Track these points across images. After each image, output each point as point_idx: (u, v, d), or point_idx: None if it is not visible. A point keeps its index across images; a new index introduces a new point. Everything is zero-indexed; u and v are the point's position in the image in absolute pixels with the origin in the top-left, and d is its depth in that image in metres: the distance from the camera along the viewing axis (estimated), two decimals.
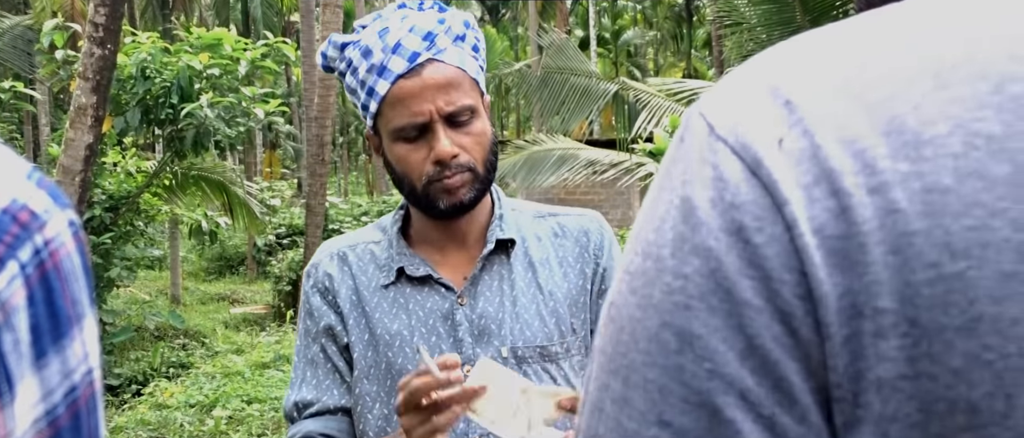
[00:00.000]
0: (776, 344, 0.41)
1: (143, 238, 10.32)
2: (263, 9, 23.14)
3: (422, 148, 1.36)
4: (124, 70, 8.47)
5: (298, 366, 1.47)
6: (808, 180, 0.41)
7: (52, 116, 18.05)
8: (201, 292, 15.43)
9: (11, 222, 0.56)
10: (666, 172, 0.46)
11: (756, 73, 0.46)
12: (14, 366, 0.56)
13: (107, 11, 5.54)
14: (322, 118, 10.26)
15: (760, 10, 9.37)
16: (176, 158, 9.39)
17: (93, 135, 5.68)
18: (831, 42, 0.45)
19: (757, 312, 0.41)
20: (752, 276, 0.41)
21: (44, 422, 0.58)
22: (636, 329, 0.44)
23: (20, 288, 0.56)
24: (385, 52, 1.35)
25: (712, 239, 0.42)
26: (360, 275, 1.44)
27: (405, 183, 1.39)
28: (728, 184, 0.43)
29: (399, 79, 1.34)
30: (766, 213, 0.41)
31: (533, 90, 10.56)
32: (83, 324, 0.61)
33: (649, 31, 34.56)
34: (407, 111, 1.34)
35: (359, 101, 1.41)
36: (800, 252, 0.41)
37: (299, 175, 26.29)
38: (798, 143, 0.42)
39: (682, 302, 0.42)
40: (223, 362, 8.77)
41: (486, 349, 1.38)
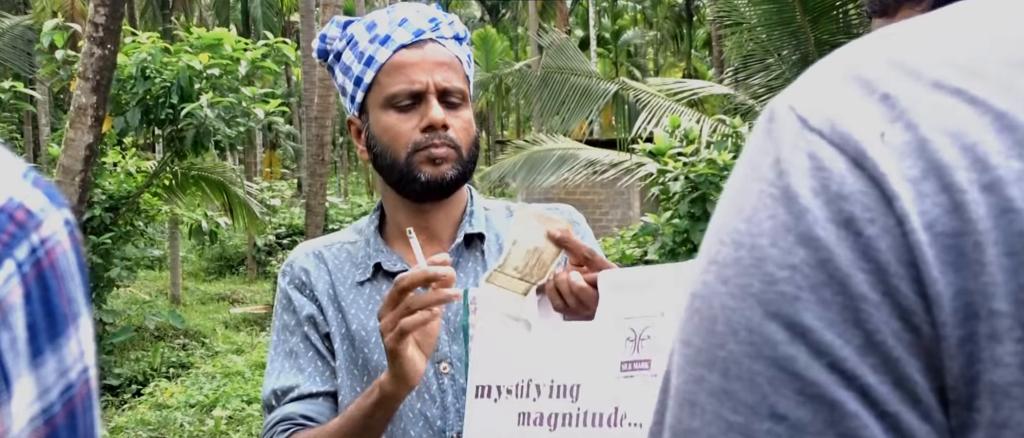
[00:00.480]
0: (897, 340, 0.39)
1: (143, 238, 10.32)
2: (263, 9, 23.14)
3: (412, 117, 1.38)
4: (124, 70, 8.47)
5: (275, 359, 1.44)
6: (916, 174, 0.39)
7: (52, 116, 18.05)
8: (201, 292, 15.43)
9: (7, 221, 0.57)
10: (751, 163, 0.44)
11: (844, 67, 0.44)
12: (11, 364, 0.56)
13: (107, 11, 5.54)
14: (322, 118, 10.26)
15: (760, 10, 9.36)
16: (176, 158, 9.39)
17: (93, 135, 5.68)
18: (923, 35, 0.44)
19: (875, 307, 0.39)
20: (867, 269, 0.39)
21: (40, 420, 0.58)
22: (733, 319, 0.42)
23: (17, 286, 0.56)
24: (391, 25, 1.40)
25: (820, 229, 0.40)
26: (336, 272, 1.44)
27: (388, 154, 1.40)
28: (832, 174, 0.41)
29: (401, 48, 1.39)
30: (876, 204, 0.40)
31: (533, 90, 10.56)
32: (79, 323, 0.61)
33: (649, 31, 34.56)
34: (405, 78, 1.38)
35: (352, 77, 1.42)
36: (912, 248, 0.39)
37: (299, 175, 26.29)
38: (902, 136, 0.40)
39: (791, 293, 0.40)
40: (223, 362, 8.77)
41: (462, 345, 1.38)
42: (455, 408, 1.37)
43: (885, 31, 0.45)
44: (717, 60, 16.14)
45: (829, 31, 9.06)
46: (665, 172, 9.52)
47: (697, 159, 9.33)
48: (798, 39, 9.16)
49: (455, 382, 1.38)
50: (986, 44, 0.42)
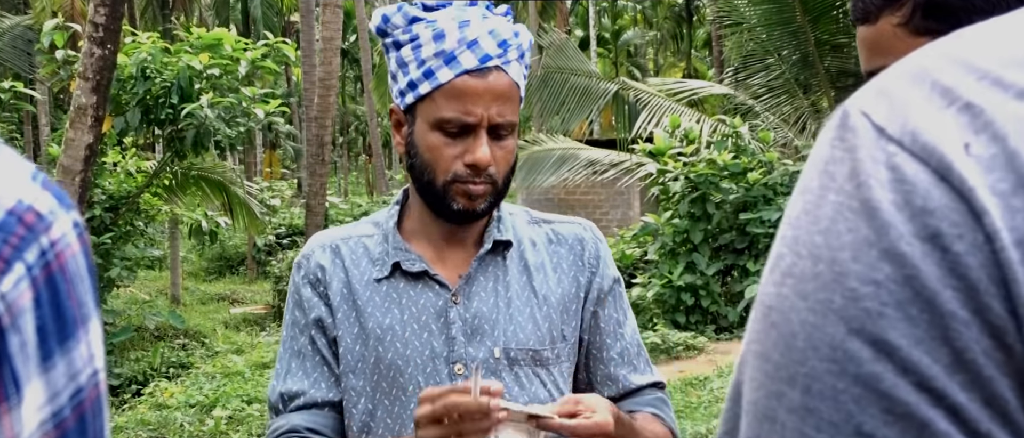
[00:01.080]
0: (988, 359, 0.38)
1: (143, 238, 10.33)
2: (263, 9, 23.14)
3: (458, 146, 1.35)
4: (124, 70, 8.47)
5: (284, 357, 1.44)
6: (1005, 188, 0.38)
7: (52, 116, 18.05)
8: (201, 292, 15.43)
9: (17, 223, 0.56)
10: (825, 173, 0.43)
11: (920, 72, 0.42)
12: (21, 368, 0.56)
13: (107, 11, 5.54)
14: (322, 118, 10.26)
15: (760, 10, 9.36)
16: (176, 158, 9.39)
17: (93, 135, 5.68)
18: (1001, 39, 0.42)
19: (964, 324, 0.38)
20: (955, 286, 0.38)
21: (50, 424, 0.58)
22: (814, 335, 0.41)
23: (26, 290, 0.56)
24: (461, 43, 1.35)
25: (905, 244, 0.39)
26: (353, 268, 1.43)
27: (426, 172, 1.38)
28: (916, 187, 0.39)
29: (465, 74, 1.34)
30: (964, 219, 0.38)
31: (533, 90, 10.55)
32: (89, 326, 0.60)
33: (649, 31, 34.56)
34: (461, 107, 1.34)
35: (407, 75, 1.38)
36: (1003, 266, 0.38)
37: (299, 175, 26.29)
38: (988, 149, 0.39)
39: (875, 309, 0.39)
40: (223, 362, 8.77)
41: (478, 348, 1.38)
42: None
43: (961, 34, 0.44)
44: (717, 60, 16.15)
45: (829, 31, 9.06)
46: (665, 172, 9.52)
47: (697, 159, 9.33)
48: (798, 39, 9.16)
49: None
50: None
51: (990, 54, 0.41)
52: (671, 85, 10.65)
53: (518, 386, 1.39)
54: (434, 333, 1.38)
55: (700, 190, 9.16)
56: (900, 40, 0.89)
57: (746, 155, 9.28)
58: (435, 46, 1.35)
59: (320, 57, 10.45)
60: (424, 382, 1.36)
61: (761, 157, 9.29)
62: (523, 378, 1.39)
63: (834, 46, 9.11)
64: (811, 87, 9.58)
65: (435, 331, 1.39)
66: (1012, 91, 0.39)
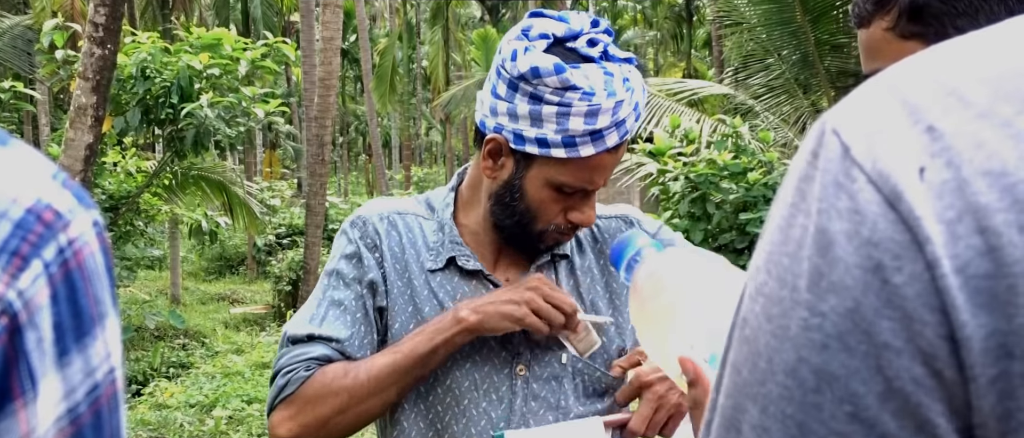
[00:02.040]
0: (917, 386, 0.40)
1: (143, 238, 10.33)
2: (263, 9, 23.14)
3: (563, 201, 1.35)
4: (124, 70, 8.47)
5: (320, 302, 1.37)
6: (951, 215, 0.40)
7: (52, 116, 18.05)
8: (201, 292, 15.43)
9: (36, 221, 0.57)
10: (797, 190, 0.45)
11: (894, 90, 0.44)
12: (37, 364, 0.56)
13: (107, 11, 5.54)
14: (322, 118, 10.26)
15: (760, 10, 9.36)
16: (176, 158, 9.39)
17: (93, 135, 5.68)
18: (972, 58, 0.44)
19: (896, 354, 0.40)
20: (891, 316, 0.40)
21: (66, 421, 0.58)
22: (773, 359, 0.44)
23: (44, 287, 0.57)
24: (611, 126, 1.29)
25: (849, 278, 0.41)
26: (408, 247, 1.40)
27: (525, 217, 1.35)
28: (865, 218, 0.41)
29: (603, 152, 1.31)
30: (905, 251, 0.40)
31: None
32: (106, 323, 0.61)
33: (649, 31, 34.55)
34: (587, 177, 1.32)
35: (539, 129, 1.29)
36: (941, 292, 0.39)
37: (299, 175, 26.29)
38: (941, 175, 0.40)
39: (820, 340, 0.42)
40: (223, 362, 8.77)
41: (543, 352, 1.37)
42: (521, 412, 1.35)
43: (942, 49, 0.45)
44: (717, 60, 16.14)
45: (829, 31, 9.05)
46: (665, 172, 9.51)
47: (697, 159, 9.33)
48: (798, 39, 9.16)
49: (528, 386, 1.36)
50: None
51: (963, 71, 0.43)
52: (671, 85, 10.65)
53: (575, 395, 1.39)
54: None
55: (700, 190, 9.16)
56: (889, 44, 0.92)
57: (746, 155, 9.28)
58: (585, 124, 1.27)
59: (320, 57, 10.45)
60: (479, 379, 1.35)
61: (761, 157, 9.29)
62: (580, 388, 1.39)
63: (834, 46, 9.12)
64: (811, 87, 9.58)
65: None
66: (975, 112, 0.41)
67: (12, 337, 0.55)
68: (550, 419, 1.36)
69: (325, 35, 10.10)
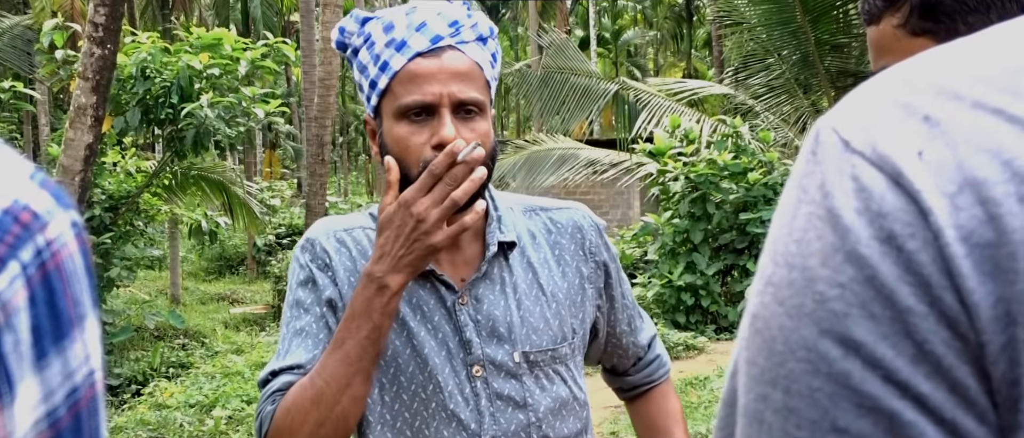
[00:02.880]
0: (947, 348, 0.41)
1: (143, 238, 10.32)
2: (263, 9, 23.14)
3: (424, 131, 1.32)
4: (124, 70, 8.47)
5: (285, 337, 1.39)
6: (952, 189, 0.41)
7: (52, 116, 18.05)
8: (201, 292, 15.43)
9: (12, 222, 0.56)
10: (800, 186, 0.46)
11: (886, 90, 0.46)
12: (15, 367, 0.56)
13: (107, 11, 5.54)
14: (322, 118, 10.26)
15: (760, 10, 9.36)
16: (176, 158, 9.39)
17: (93, 135, 5.68)
18: (965, 56, 0.45)
19: (922, 318, 0.41)
20: (911, 282, 0.41)
21: (45, 424, 0.58)
22: (791, 339, 0.44)
23: (21, 289, 0.56)
24: (408, 29, 1.33)
25: (864, 247, 0.42)
26: (359, 259, 1.40)
27: (400, 167, 1.34)
28: (872, 193, 0.42)
29: (417, 56, 1.32)
30: (914, 219, 0.41)
31: (533, 90, 10.55)
32: (85, 325, 0.60)
33: (649, 31, 34.56)
34: (418, 89, 1.31)
35: (368, 78, 1.36)
36: (949, 260, 0.40)
37: (299, 175, 26.29)
38: (941, 154, 0.42)
39: (841, 310, 0.42)
40: (223, 362, 8.77)
41: (496, 351, 1.37)
42: (490, 412, 1.35)
43: (929, 53, 0.47)
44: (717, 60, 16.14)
45: (829, 31, 9.05)
46: (665, 172, 9.51)
47: (697, 159, 9.32)
48: (798, 39, 9.15)
49: (488, 386, 1.36)
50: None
51: (953, 71, 0.44)
52: (671, 85, 10.65)
53: (539, 388, 1.39)
54: (448, 334, 1.37)
55: (700, 190, 9.16)
56: (899, 41, 0.92)
57: (746, 155, 9.28)
58: (385, 37, 1.34)
59: (320, 57, 10.45)
60: (443, 382, 1.35)
61: (761, 157, 9.29)
62: (543, 379, 1.39)
63: (834, 46, 9.12)
64: (811, 87, 9.58)
65: (449, 332, 1.37)
66: (968, 103, 0.42)
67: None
68: (519, 417, 1.36)
69: (325, 35, 10.10)
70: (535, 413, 1.38)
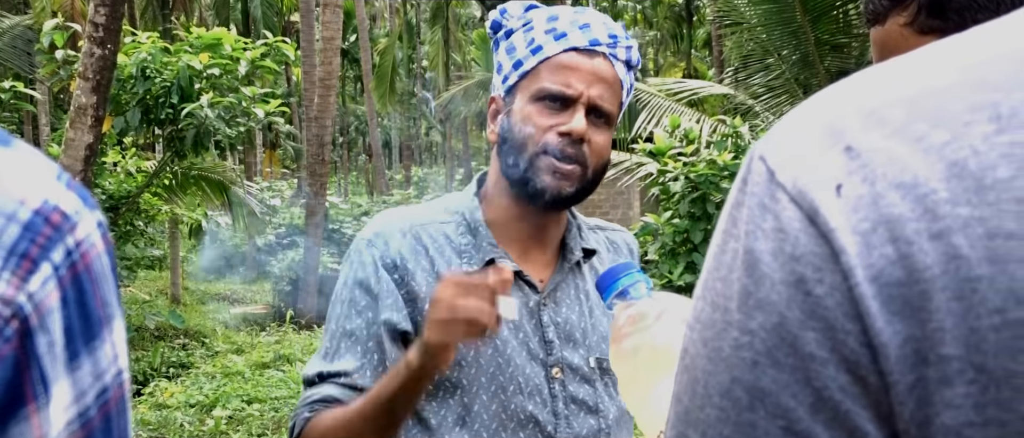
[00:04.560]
0: (845, 395, 0.41)
1: (143, 238, 10.33)
2: (263, 9, 23.14)
3: (555, 118, 1.34)
4: (124, 70, 8.46)
5: (334, 334, 1.36)
6: (866, 227, 0.41)
7: (52, 116, 18.04)
8: (201, 292, 15.43)
9: (43, 223, 0.56)
10: (730, 217, 0.46)
11: (816, 115, 0.45)
12: (49, 368, 0.56)
13: (107, 11, 5.54)
14: (322, 118, 10.26)
15: (760, 10, 9.36)
16: (176, 158, 9.39)
17: (93, 135, 5.68)
18: (890, 83, 0.45)
19: (822, 364, 0.41)
20: (815, 327, 0.41)
21: (77, 424, 0.58)
22: (709, 383, 0.44)
23: (54, 290, 0.56)
24: (572, 25, 1.37)
25: (774, 293, 0.42)
26: (438, 257, 1.36)
27: (517, 142, 1.34)
28: (788, 235, 0.43)
29: (573, 50, 1.35)
30: (824, 263, 0.41)
31: None
32: (113, 326, 0.60)
33: (649, 31, 34.56)
34: (564, 80, 1.34)
35: (513, 59, 1.38)
36: (857, 301, 0.40)
37: (299, 175, 26.28)
38: (857, 190, 0.42)
39: (750, 358, 0.43)
40: (223, 362, 8.77)
41: (573, 354, 1.38)
42: (565, 415, 1.35)
43: (864, 74, 0.47)
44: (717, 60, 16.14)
45: (829, 31, 9.06)
46: (665, 172, 9.51)
47: (697, 159, 9.33)
48: (798, 39, 9.16)
49: (565, 388, 1.36)
50: (951, 90, 0.43)
51: (880, 95, 0.44)
52: (671, 85, 10.65)
53: (608, 395, 1.40)
54: (529, 334, 1.36)
55: (700, 190, 9.16)
56: (906, 40, 0.90)
57: (746, 155, 9.28)
58: (547, 25, 1.37)
59: (320, 57, 10.45)
60: (523, 382, 1.34)
61: None
62: (611, 387, 1.40)
63: (834, 46, 9.12)
64: (811, 87, 9.58)
65: (529, 332, 1.37)
66: (890, 130, 0.42)
67: (23, 341, 0.54)
68: (591, 422, 1.37)
69: (325, 35, 10.10)
70: (605, 420, 1.38)
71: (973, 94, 0.42)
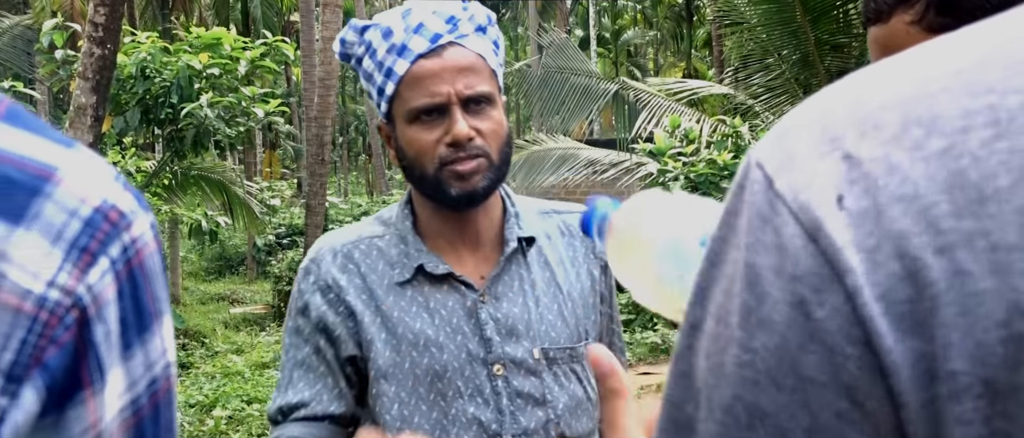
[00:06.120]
0: (841, 420, 0.41)
1: None
2: (263, 9, 23.13)
3: (437, 130, 1.33)
4: (124, 70, 8.46)
5: (286, 367, 1.41)
6: (872, 243, 0.40)
7: (52, 116, 18.03)
8: (201, 292, 15.43)
9: (103, 220, 0.60)
10: (727, 224, 0.46)
11: (812, 119, 0.45)
12: (106, 355, 0.59)
13: (107, 11, 5.54)
14: (322, 118, 10.25)
15: (760, 10, 9.36)
16: (176, 158, 9.39)
17: (93, 135, 5.68)
18: (882, 84, 0.44)
19: (821, 388, 0.41)
20: (815, 351, 0.41)
21: (129, 411, 0.62)
22: (712, 397, 0.44)
23: (111, 283, 0.59)
24: (407, 32, 1.34)
25: (776, 313, 0.42)
26: (370, 273, 1.39)
27: (416, 168, 1.36)
28: (788, 253, 0.42)
29: (419, 59, 1.33)
30: (826, 284, 0.41)
31: (533, 90, 10.55)
32: (162, 320, 0.64)
33: (649, 31, 34.56)
34: (425, 91, 1.32)
35: (375, 86, 1.37)
36: (864, 322, 0.40)
37: (299, 175, 26.28)
38: (860, 202, 0.41)
39: (751, 377, 0.43)
40: (223, 362, 8.78)
41: (516, 348, 1.37)
42: (510, 411, 1.35)
43: (861, 75, 0.46)
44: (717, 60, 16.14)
45: (829, 31, 9.05)
46: (665, 172, 9.51)
47: (697, 159, 9.32)
48: (798, 39, 9.15)
49: (509, 384, 1.36)
50: (948, 95, 0.42)
51: (880, 99, 0.43)
52: (671, 85, 10.65)
53: (558, 385, 1.39)
54: (468, 335, 1.37)
55: (700, 190, 9.16)
56: (913, 38, 0.88)
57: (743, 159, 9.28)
58: (386, 44, 1.34)
59: (320, 57, 10.45)
60: (463, 385, 1.35)
61: None
62: (561, 377, 1.39)
63: (834, 46, 9.11)
64: (811, 87, 9.58)
65: (469, 333, 1.37)
66: (888, 137, 0.41)
67: (81, 329, 0.58)
68: (539, 414, 1.36)
69: (325, 35, 10.10)
70: (554, 410, 1.37)
71: (968, 97, 0.41)
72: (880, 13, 0.93)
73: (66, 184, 0.59)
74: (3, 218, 0.56)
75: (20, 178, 0.58)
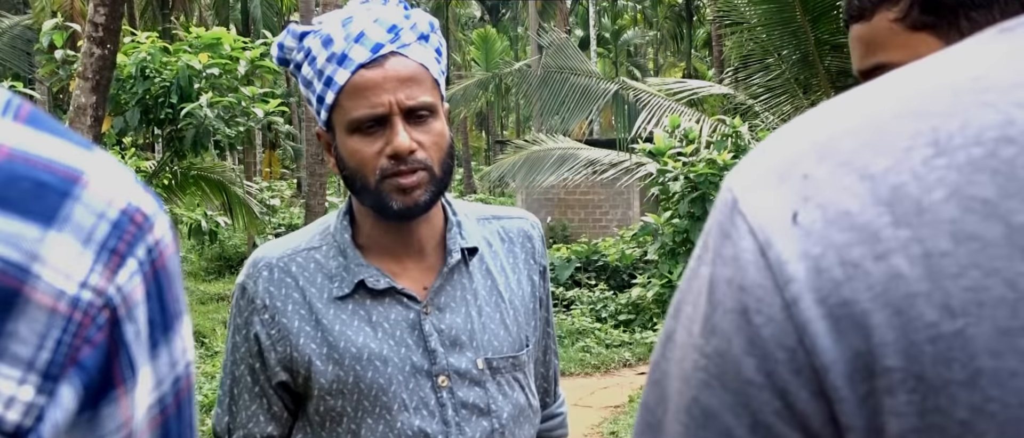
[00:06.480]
0: (777, 417, 0.45)
1: None
2: (263, 9, 23.13)
3: (378, 141, 1.31)
4: (124, 70, 8.46)
5: (225, 382, 1.44)
6: (817, 252, 0.44)
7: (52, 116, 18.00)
8: (201, 292, 15.42)
9: (129, 222, 0.61)
10: (704, 243, 0.50)
11: (778, 147, 0.49)
12: (136, 355, 0.61)
13: (107, 11, 5.54)
14: None
15: (760, 10, 9.36)
16: (176, 158, 9.38)
17: (93, 135, 5.68)
18: (841, 115, 0.48)
19: (759, 389, 0.45)
20: (753, 354, 0.45)
21: (156, 409, 0.63)
22: (676, 400, 0.49)
23: (139, 284, 0.61)
24: (347, 41, 1.31)
25: (725, 321, 0.46)
26: (308, 287, 1.37)
27: (357, 180, 1.34)
28: (740, 265, 0.46)
29: (360, 68, 1.30)
30: (767, 295, 0.45)
31: (533, 90, 10.56)
32: (183, 320, 0.66)
33: (649, 31, 34.57)
34: (366, 102, 1.30)
35: (315, 94, 1.34)
36: (800, 327, 0.44)
37: (299, 175, 26.29)
38: (812, 215, 0.45)
39: (704, 379, 0.47)
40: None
41: (459, 359, 1.36)
42: (455, 422, 1.35)
43: (826, 106, 0.50)
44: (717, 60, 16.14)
45: (829, 31, 9.05)
46: (665, 172, 9.51)
47: (697, 159, 9.32)
48: (798, 39, 9.15)
49: (454, 395, 1.36)
50: (898, 120, 0.46)
51: (833, 128, 0.47)
52: (671, 85, 10.65)
53: (502, 394, 1.39)
54: (412, 347, 1.35)
55: (700, 190, 9.16)
56: (896, 36, 0.88)
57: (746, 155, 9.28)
58: (326, 52, 1.31)
59: None
60: (408, 398, 1.34)
61: None
62: (505, 386, 1.39)
63: (834, 46, 9.11)
64: (811, 87, 9.58)
65: (412, 345, 1.36)
66: (837, 161, 0.45)
67: (112, 329, 0.59)
68: (484, 424, 1.37)
69: None
70: (498, 420, 1.37)
71: (914, 122, 0.45)
72: (863, 11, 0.92)
73: (93, 186, 0.60)
74: (36, 220, 0.57)
75: (50, 181, 0.58)
